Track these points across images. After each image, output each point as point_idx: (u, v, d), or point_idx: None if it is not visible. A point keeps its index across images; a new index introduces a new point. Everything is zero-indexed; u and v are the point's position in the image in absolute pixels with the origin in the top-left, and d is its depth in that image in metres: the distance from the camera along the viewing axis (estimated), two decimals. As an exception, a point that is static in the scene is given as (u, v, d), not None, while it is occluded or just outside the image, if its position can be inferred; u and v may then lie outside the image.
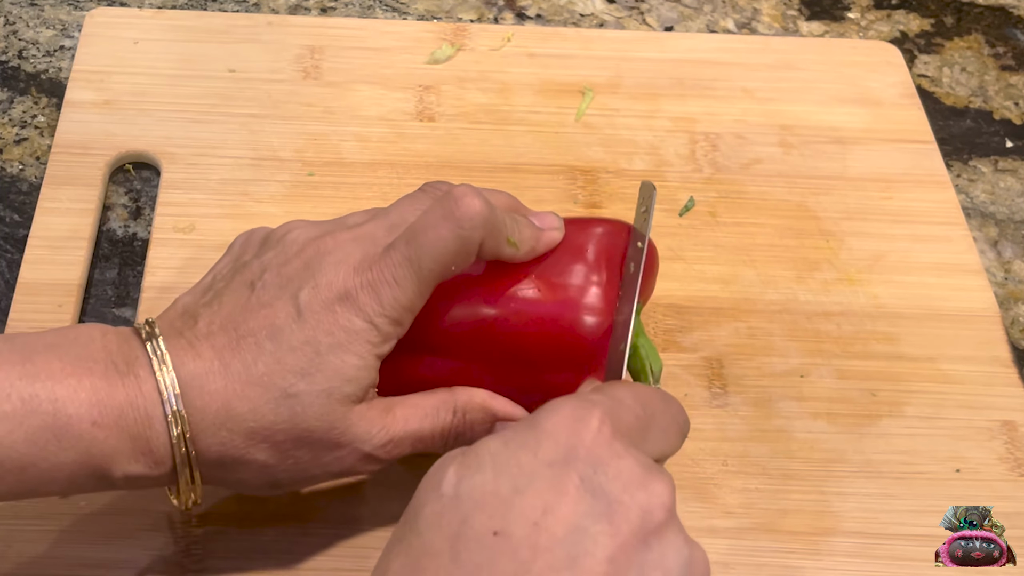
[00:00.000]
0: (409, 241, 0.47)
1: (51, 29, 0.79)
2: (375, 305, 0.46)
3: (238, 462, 0.46)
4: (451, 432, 0.50)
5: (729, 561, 0.56)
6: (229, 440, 0.46)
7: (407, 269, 0.47)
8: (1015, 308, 0.69)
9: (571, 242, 0.52)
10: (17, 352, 0.45)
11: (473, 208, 0.47)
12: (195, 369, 0.45)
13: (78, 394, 0.44)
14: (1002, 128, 0.79)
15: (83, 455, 0.44)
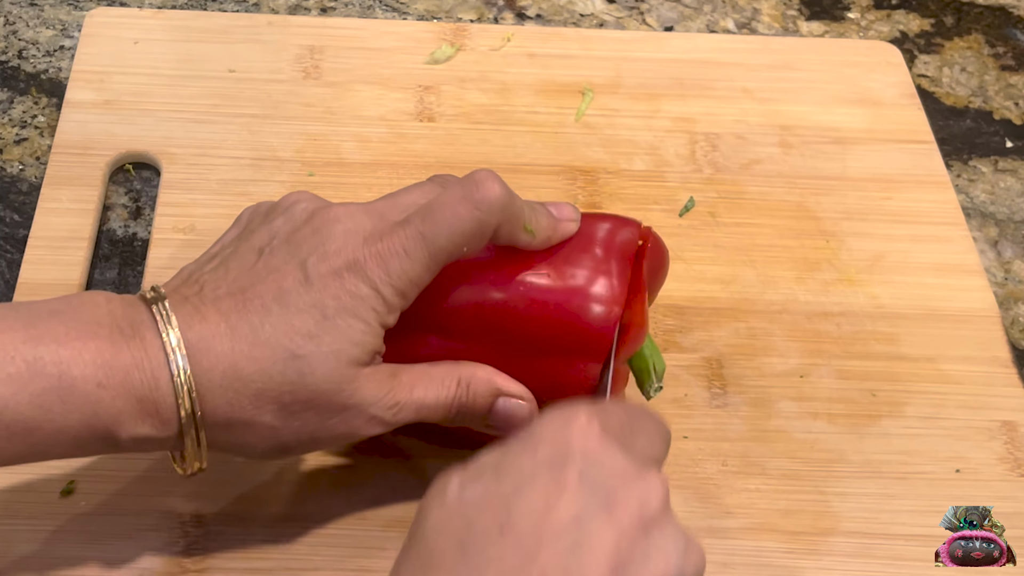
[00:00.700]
0: (425, 217, 0.47)
1: (51, 29, 0.79)
2: (382, 275, 0.46)
3: (245, 424, 0.46)
4: (454, 403, 0.50)
5: (729, 561, 0.56)
6: (236, 401, 0.46)
7: (419, 244, 0.47)
8: (1015, 308, 0.69)
9: (582, 233, 0.53)
10: (21, 318, 0.45)
11: (493, 192, 0.48)
12: (202, 331, 0.45)
13: (83, 356, 0.44)
14: (1002, 128, 0.79)
15: (89, 417, 0.44)
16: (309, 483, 0.56)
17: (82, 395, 0.44)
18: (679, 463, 0.58)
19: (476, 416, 0.51)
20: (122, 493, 0.55)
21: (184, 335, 0.45)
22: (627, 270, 0.52)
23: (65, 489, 0.55)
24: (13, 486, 0.55)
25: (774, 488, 0.58)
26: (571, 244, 0.52)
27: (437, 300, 0.50)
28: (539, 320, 0.50)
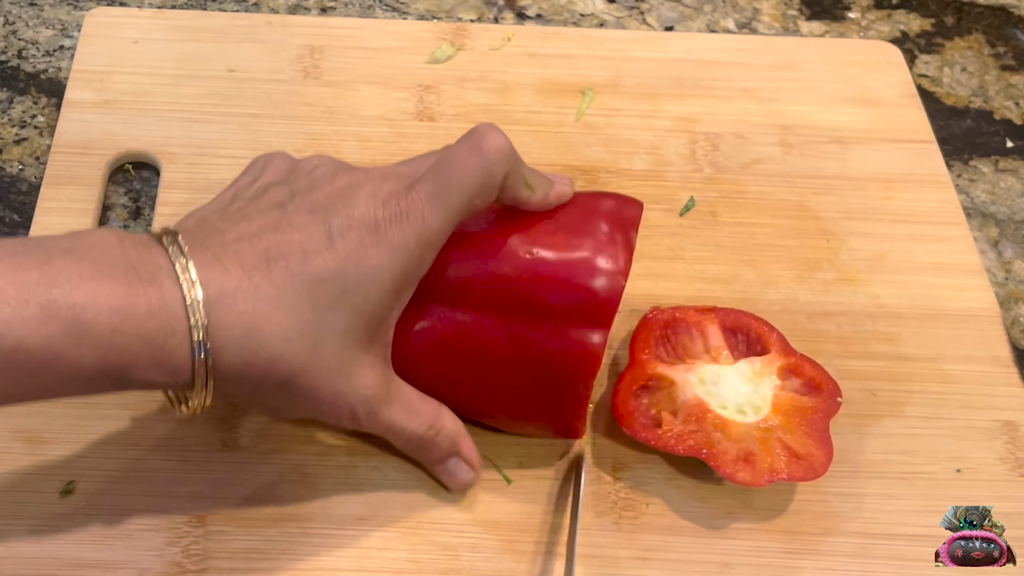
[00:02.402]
0: (436, 174, 0.48)
1: (51, 29, 0.79)
2: (400, 239, 0.47)
3: (252, 383, 0.46)
4: (417, 441, 0.53)
5: (730, 561, 0.56)
6: (251, 361, 0.45)
7: (434, 201, 0.48)
8: (1016, 308, 0.69)
9: (585, 206, 0.54)
10: (33, 256, 0.43)
11: (498, 141, 0.49)
12: (224, 286, 0.45)
13: (97, 300, 0.43)
14: (1002, 128, 0.79)
15: (102, 360, 0.43)
16: (309, 483, 0.56)
17: (96, 339, 0.43)
18: (680, 463, 0.58)
19: (426, 458, 0.54)
20: (122, 493, 0.55)
21: (205, 288, 0.44)
22: (630, 245, 0.53)
23: (65, 489, 0.55)
24: (13, 486, 0.55)
25: (774, 488, 0.58)
26: (573, 214, 0.53)
27: (442, 269, 0.51)
28: (546, 287, 0.51)
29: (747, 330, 0.61)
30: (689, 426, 0.57)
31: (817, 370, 0.60)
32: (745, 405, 0.58)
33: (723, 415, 0.57)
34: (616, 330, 0.64)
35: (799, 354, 0.60)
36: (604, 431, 0.60)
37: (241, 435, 0.58)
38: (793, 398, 0.58)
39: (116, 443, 0.57)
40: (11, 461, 0.56)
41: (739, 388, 0.58)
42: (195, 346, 0.44)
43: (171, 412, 0.58)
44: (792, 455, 0.56)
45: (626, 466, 0.59)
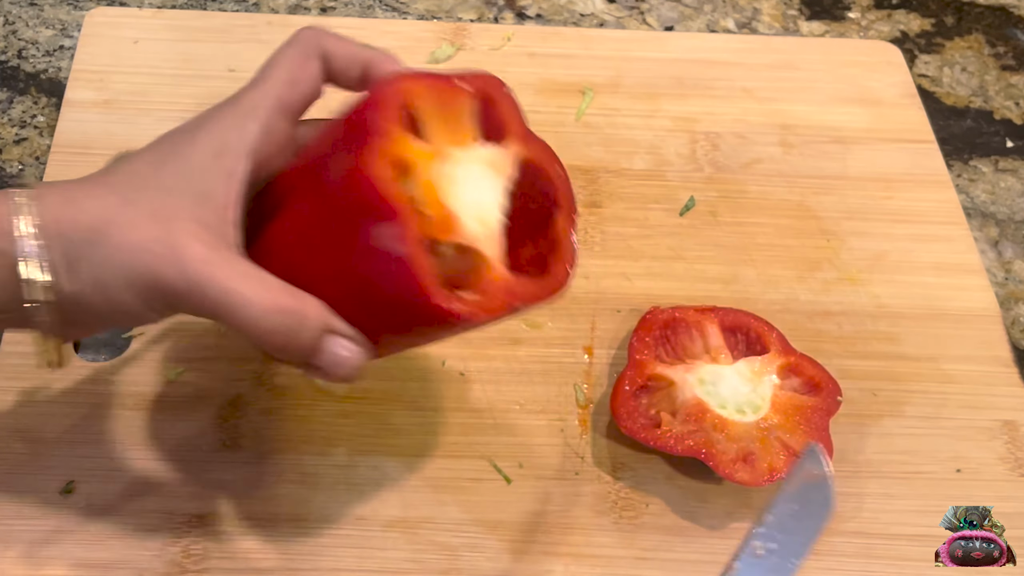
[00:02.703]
0: (262, 72, 0.49)
1: (51, 29, 0.79)
2: (236, 141, 0.47)
3: (71, 244, 0.45)
4: (279, 325, 0.45)
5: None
6: (66, 215, 0.45)
7: (259, 98, 0.48)
8: (1016, 308, 0.69)
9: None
10: None
11: (311, 30, 0.49)
12: (51, 188, 0.46)
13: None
14: (1002, 128, 0.79)
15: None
16: (309, 483, 0.56)
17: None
18: (679, 463, 0.58)
19: (293, 351, 0.46)
20: (122, 493, 0.55)
21: (30, 191, 0.45)
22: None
23: (65, 489, 0.55)
24: (13, 486, 0.55)
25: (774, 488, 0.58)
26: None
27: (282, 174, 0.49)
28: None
29: (747, 330, 0.61)
30: (688, 426, 0.57)
31: (817, 369, 0.60)
32: (744, 405, 0.58)
33: (722, 415, 0.57)
34: (616, 330, 0.64)
35: (799, 354, 0.60)
36: (604, 431, 0.60)
37: (241, 435, 0.58)
38: (793, 397, 0.58)
39: (116, 443, 0.57)
40: (11, 461, 0.56)
41: (738, 388, 0.58)
42: (16, 211, 0.44)
43: (171, 412, 0.58)
44: (792, 454, 0.56)
45: (626, 466, 0.59)
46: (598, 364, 0.62)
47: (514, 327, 0.63)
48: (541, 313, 0.64)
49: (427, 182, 0.45)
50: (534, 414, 0.60)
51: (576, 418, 0.60)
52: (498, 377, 0.61)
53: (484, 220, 0.47)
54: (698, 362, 0.59)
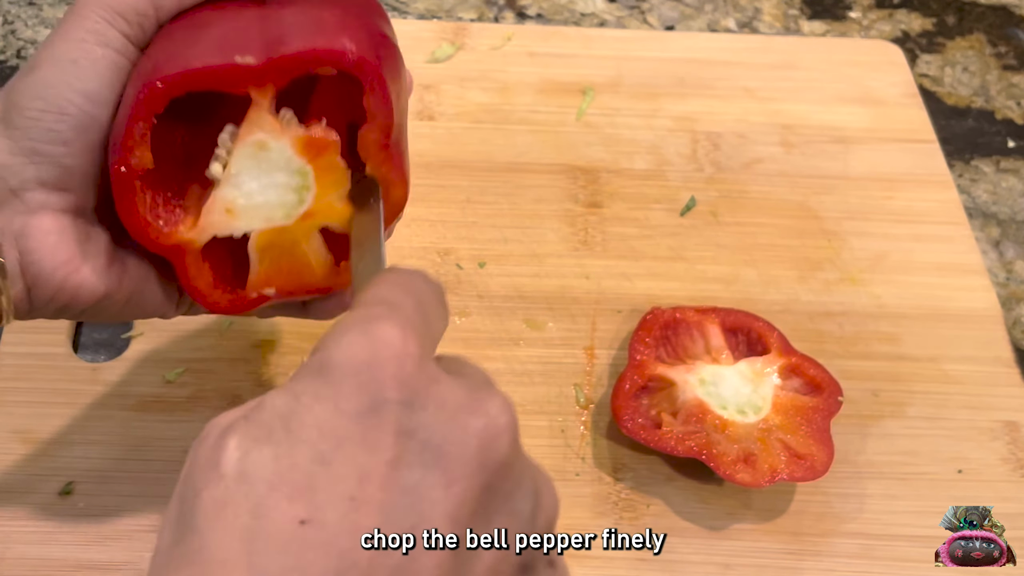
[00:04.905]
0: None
1: (49, 29, 0.78)
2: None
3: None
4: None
5: (730, 562, 0.55)
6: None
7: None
8: (1017, 308, 0.69)
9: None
10: None
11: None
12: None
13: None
14: (1004, 128, 0.79)
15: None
16: (309, 483, 0.56)
17: None
18: (679, 462, 0.58)
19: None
20: (121, 493, 0.55)
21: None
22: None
23: (64, 489, 0.55)
24: (13, 486, 0.55)
25: (775, 488, 0.58)
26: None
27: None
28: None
29: (747, 330, 0.61)
30: (689, 427, 0.56)
31: (818, 370, 0.59)
32: (745, 405, 0.58)
33: (723, 415, 0.57)
34: (617, 330, 0.64)
35: (800, 354, 0.60)
36: (604, 431, 0.59)
37: (241, 435, 0.58)
38: (794, 398, 0.58)
39: (116, 443, 0.57)
40: (11, 461, 0.56)
41: (739, 388, 0.58)
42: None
43: (171, 412, 0.58)
44: (793, 455, 0.56)
45: (626, 467, 0.58)
46: (599, 364, 0.62)
47: (515, 327, 0.63)
48: (542, 313, 0.64)
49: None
50: (534, 415, 0.60)
51: (577, 419, 0.60)
52: (498, 377, 0.61)
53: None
54: (699, 363, 0.59)
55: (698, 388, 0.58)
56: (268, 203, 0.45)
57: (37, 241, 0.43)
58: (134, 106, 0.42)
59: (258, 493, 0.29)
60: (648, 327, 0.61)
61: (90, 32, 0.43)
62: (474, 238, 0.67)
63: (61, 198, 0.43)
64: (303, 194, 0.45)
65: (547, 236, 0.68)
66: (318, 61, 0.42)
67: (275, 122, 0.44)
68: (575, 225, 0.68)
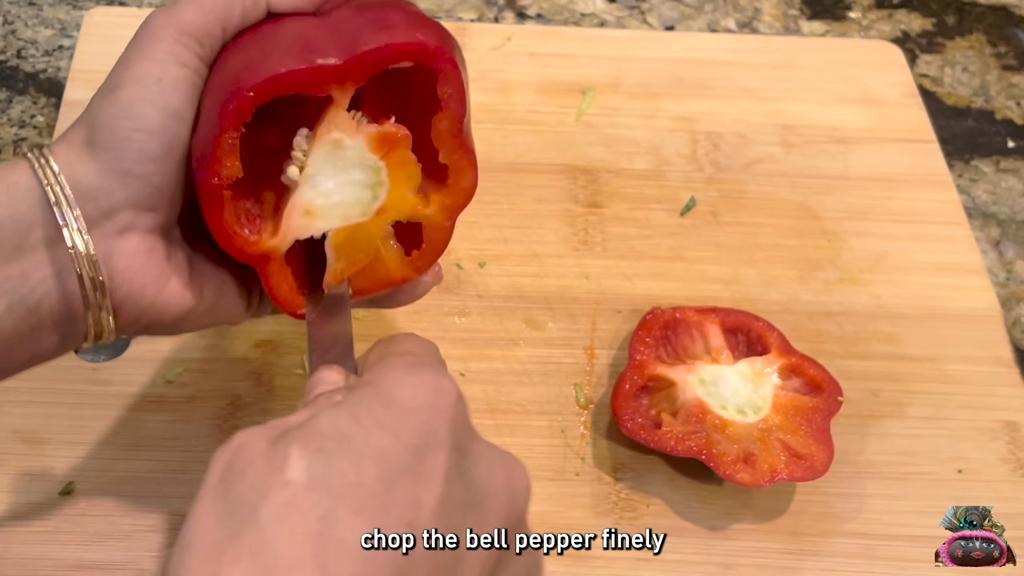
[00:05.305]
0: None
1: (50, 29, 0.78)
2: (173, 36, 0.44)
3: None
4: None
5: (730, 562, 0.55)
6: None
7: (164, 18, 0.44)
8: (1017, 308, 0.69)
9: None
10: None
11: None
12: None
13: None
14: (1004, 128, 0.79)
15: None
16: (309, 483, 0.56)
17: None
18: (680, 463, 0.58)
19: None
20: (121, 493, 0.55)
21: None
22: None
23: (64, 489, 0.55)
24: (13, 486, 0.55)
25: (775, 488, 0.58)
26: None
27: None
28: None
29: (747, 330, 0.61)
30: (689, 427, 0.56)
31: (818, 370, 0.59)
32: (745, 405, 0.58)
33: (723, 415, 0.57)
34: (617, 330, 0.64)
35: (800, 354, 0.60)
36: (604, 431, 0.59)
37: (241, 435, 0.58)
38: (794, 398, 0.58)
39: (116, 443, 0.57)
40: (11, 461, 0.56)
41: (739, 388, 0.58)
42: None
43: (171, 412, 0.58)
44: (793, 455, 0.56)
45: (626, 467, 0.58)
46: (599, 365, 0.62)
47: (515, 327, 0.63)
48: (542, 313, 0.64)
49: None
50: (534, 415, 0.60)
51: (577, 419, 0.60)
52: (498, 377, 0.61)
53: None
54: (699, 363, 0.59)
55: (698, 388, 0.58)
56: (345, 201, 0.46)
57: (126, 262, 0.43)
58: (222, 116, 0.42)
59: (327, 502, 0.32)
60: (648, 327, 0.61)
61: (168, 53, 0.44)
62: (474, 238, 0.67)
63: (149, 217, 0.44)
64: (378, 190, 0.46)
65: (547, 236, 0.68)
66: (399, 55, 0.44)
67: (351, 121, 0.45)
68: (575, 225, 0.68)
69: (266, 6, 0.45)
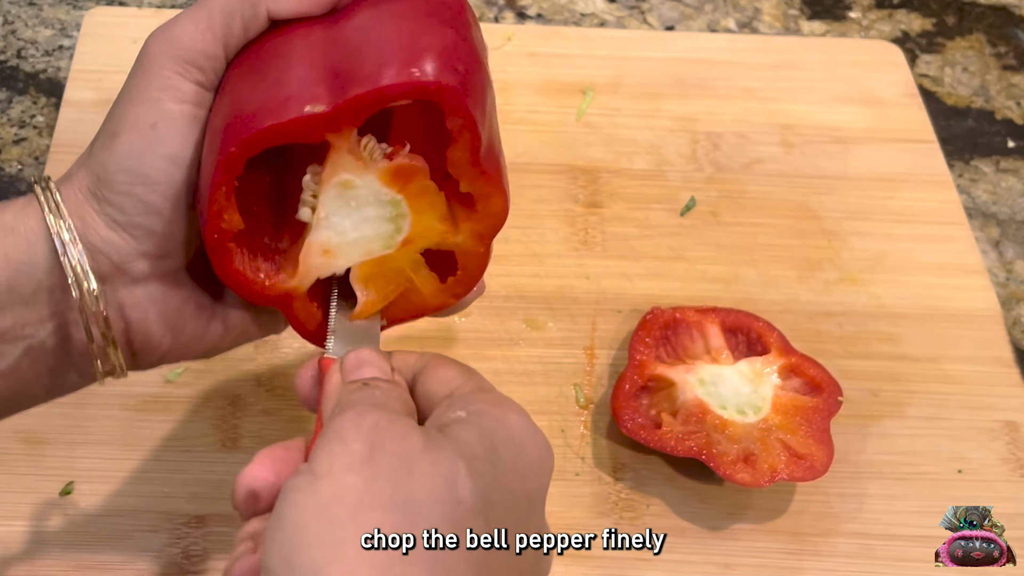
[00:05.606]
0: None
1: (50, 29, 0.79)
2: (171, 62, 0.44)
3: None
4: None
5: (730, 562, 0.55)
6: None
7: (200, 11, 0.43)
8: (1017, 308, 0.69)
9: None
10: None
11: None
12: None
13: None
14: (1004, 128, 0.79)
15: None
16: (309, 483, 0.56)
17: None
18: (680, 462, 0.58)
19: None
20: (121, 494, 0.55)
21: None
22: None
23: (64, 490, 0.55)
24: (13, 486, 0.55)
25: (776, 488, 0.58)
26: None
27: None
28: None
29: (747, 330, 0.61)
30: (689, 427, 0.56)
31: (818, 370, 0.59)
32: (745, 405, 0.58)
33: (723, 415, 0.57)
34: (617, 330, 0.64)
35: (800, 354, 0.60)
36: (604, 431, 0.59)
37: (241, 435, 0.58)
38: (794, 398, 0.58)
39: (116, 443, 0.57)
40: (11, 461, 0.56)
41: (739, 388, 0.58)
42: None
43: (171, 412, 0.58)
44: (793, 455, 0.56)
45: (626, 467, 0.58)
46: (599, 365, 0.62)
47: (515, 327, 0.63)
48: (542, 313, 0.64)
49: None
50: (534, 415, 0.59)
51: (577, 419, 0.60)
52: (498, 378, 0.61)
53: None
54: (699, 363, 0.59)
55: (698, 388, 0.58)
56: (364, 237, 0.44)
57: (143, 311, 0.43)
58: (214, 173, 0.41)
59: (484, 531, 0.36)
60: (648, 327, 0.61)
61: (163, 90, 0.43)
62: (474, 238, 0.67)
63: (161, 264, 0.43)
64: (399, 222, 0.44)
65: (547, 236, 0.68)
66: (391, 98, 0.40)
67: (357, 160, 0.42)
68: (575, 225, 0.68)
69: (266, 15, 0.43)
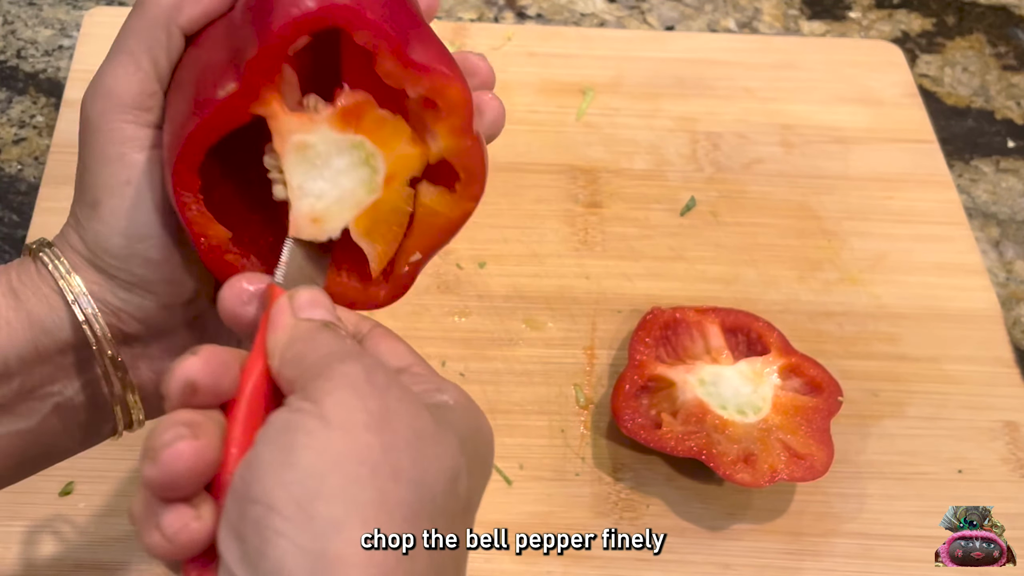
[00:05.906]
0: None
1: (50, 29, 0.78)
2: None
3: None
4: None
5: (730, 562, 0.55)
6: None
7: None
8: (1017, 308, 0.69)
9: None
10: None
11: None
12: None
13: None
14: (1004, 128, 0.79)
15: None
16: (309, 484, 0.56)
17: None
18: (681, 462, 0.58)
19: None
20: (120, 494, 0.55)
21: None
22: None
23: (64, 490, 0.55)
24: (13, 486, 0.55)
25: (775, 489, 0.58)
26: None
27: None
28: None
29: (747, 330, 0.61)
30: (689, 427, 0.56)
31: (818, 370, 0.59)
32: (745, 405, 0.58)
33: (723, 415, 0.57)
34: (617, 330, 0.64)
35: (800, 354, 0.60)
36: (604, 431, 0.59)
37: (241, 435, 0.58)
38: (794, 398, 0.58)
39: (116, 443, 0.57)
40: (10, 461, 0.56)
41: (739, 388, 0.58)
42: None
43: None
44: (793, 455, 0.56)
45: (626, 467, 0.58)
46: (599, 365, 0.62)
47: (515, 327, 0.63)
48: (542, 313, 0.64)
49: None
50: (534, 415, 0.60)
51: (577, 419, 0.60)
52: (498, 378, 0.61)
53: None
54: (699, 363, 0.59)
55: (698, 388, 0.58)
56: (346, 191, 0.42)
57: (157, 373, 0.44)
58: (175, 197, 0.40)
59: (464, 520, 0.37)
60: (648, 327, 0.61)
61: (123, 143, 0.43)
62: (474, 238, 0.67)
63: (178, 312, 0.44)
64: (373, 163, 0.42)
65: (547, 236, 0.68)
66: (287, 43, 0.39)
67: (300, 118, 0.41)
68: (575, 225, 0.68)
69: (180, 34, 0.44)
